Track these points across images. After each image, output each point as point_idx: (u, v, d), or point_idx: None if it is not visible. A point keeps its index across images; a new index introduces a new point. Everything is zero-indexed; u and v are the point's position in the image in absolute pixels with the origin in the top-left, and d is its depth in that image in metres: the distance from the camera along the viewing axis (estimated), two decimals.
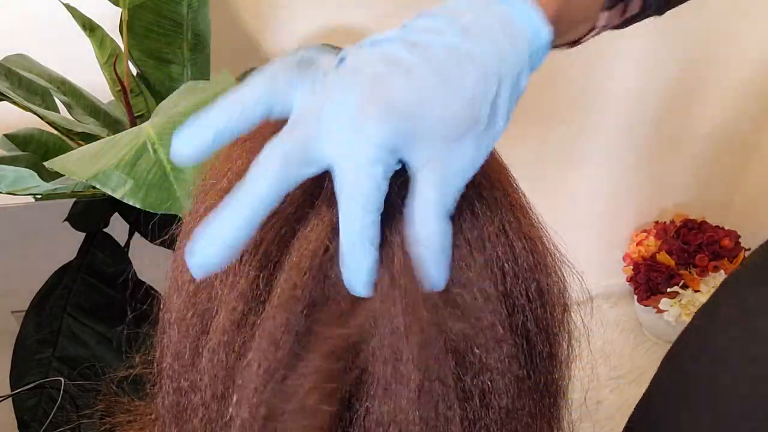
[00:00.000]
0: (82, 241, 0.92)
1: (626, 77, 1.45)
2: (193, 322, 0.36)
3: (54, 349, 0.86)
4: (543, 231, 0.39)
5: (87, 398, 0.78)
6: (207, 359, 0.35)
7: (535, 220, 0.39)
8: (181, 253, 0.38)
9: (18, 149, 0.88)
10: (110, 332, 0.87)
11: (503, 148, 0.41)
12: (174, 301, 0.37)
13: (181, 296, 0.37)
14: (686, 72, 1.49)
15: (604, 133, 1.55)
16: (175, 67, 0.96)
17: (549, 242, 0.39)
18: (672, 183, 1.71)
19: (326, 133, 0.30)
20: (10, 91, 0.79)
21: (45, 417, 0.81)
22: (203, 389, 0.35)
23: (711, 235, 1.61)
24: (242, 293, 0.34)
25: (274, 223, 0.33)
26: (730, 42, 1.44)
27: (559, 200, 1.63)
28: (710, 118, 1.58)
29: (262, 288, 0.33)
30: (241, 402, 0.32)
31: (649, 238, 1.67)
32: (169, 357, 0.37)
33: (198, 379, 0.35)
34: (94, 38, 0.92)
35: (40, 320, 0.88)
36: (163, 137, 0.62)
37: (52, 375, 0.84)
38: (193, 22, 0.94)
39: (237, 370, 0.33)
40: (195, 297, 0.36)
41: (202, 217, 0.37)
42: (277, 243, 0.33)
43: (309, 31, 1.18)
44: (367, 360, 0.32)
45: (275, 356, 0.32)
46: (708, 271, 1.58)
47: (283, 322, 0.32)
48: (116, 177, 0.59)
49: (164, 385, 0.38)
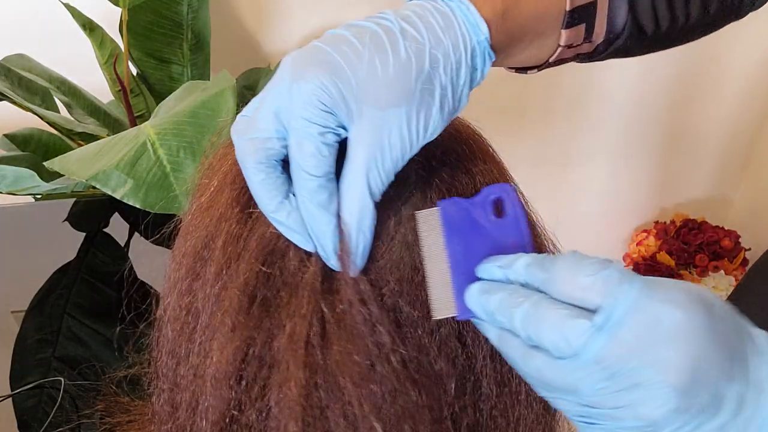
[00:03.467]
0: (82, 241, 0.92)
1: (626, 77, 1.45)
2: (186, 320, 0.36)
3: (54, 349, 0.86)
4: (542, 231, 0.39)
5: (87, 398, 0.78)
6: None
7: (535, 219, 0.39)
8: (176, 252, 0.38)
9: (18, 149, 0.88)
10: (110, 332, 0.87)
11: (503, 147, 0.41)
12: (169, 300, 0.37)
13: (174, 295, 0.37)
14: (686, 72, 1.49)
15: (604, 133, 1.55)
16: (175, 67, 0.96)
17: (549, 242, 0.39)
18: (672, 183, 1.70)
19: (271, 98, 0.33)
20: (10, 91, 0.79)
21: (45, 417, 0.81)
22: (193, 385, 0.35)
23: (711, 235, 1.60)
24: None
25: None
26: (730, 42, 1.44)
27: (558, 200, 1.63)
28: (710, 118, 1.58)
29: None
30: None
31: (649, 238, 1.67)
32: (165, 355, 0.37)
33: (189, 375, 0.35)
34: (94, 38, 0.92)
35: (40, 320, 0.88)
36: (163, 137, 0.62)
37: (52, 375, 0.84)
38: (193, 22, 0.94)
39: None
40: (188, 296, 0.36)
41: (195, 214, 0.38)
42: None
43: (309, 31, 1.18)
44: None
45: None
46: (708, 271, 1.58)
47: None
48: (116, 177, 0.59)
49: (160, 383, 0.38)
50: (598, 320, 0.27)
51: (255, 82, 1.05)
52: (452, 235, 0.34)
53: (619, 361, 0.27)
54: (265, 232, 0.34)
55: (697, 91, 1.54)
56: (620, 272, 0.28)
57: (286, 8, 1.16)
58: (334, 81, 0.31)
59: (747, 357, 0.28)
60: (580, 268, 0.29)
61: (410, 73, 0.32)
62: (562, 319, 0.28)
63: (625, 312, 0.27)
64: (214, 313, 0.34)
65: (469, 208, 0.34)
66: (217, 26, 0.98)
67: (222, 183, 0.37)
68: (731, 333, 0.28)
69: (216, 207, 0.37)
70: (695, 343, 0.27)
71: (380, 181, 0.32)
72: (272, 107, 0.33)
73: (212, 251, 0.35)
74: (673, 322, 0.27)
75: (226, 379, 0.33)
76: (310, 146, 0.31)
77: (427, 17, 0.34)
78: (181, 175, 0.61)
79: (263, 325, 0.33)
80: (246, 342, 0.33)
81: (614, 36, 0.44)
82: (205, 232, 0.36)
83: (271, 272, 0.34)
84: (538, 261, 0.30)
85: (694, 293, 0.28)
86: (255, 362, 0.33)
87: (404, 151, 0.32)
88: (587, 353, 0.27)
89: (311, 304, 0.33)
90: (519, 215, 0.34)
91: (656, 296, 0.28)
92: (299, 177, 0.32)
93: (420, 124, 0.33)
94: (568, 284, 0.29)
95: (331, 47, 0.32)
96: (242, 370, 0.33)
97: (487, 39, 0.35)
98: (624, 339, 0.27)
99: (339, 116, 0.32)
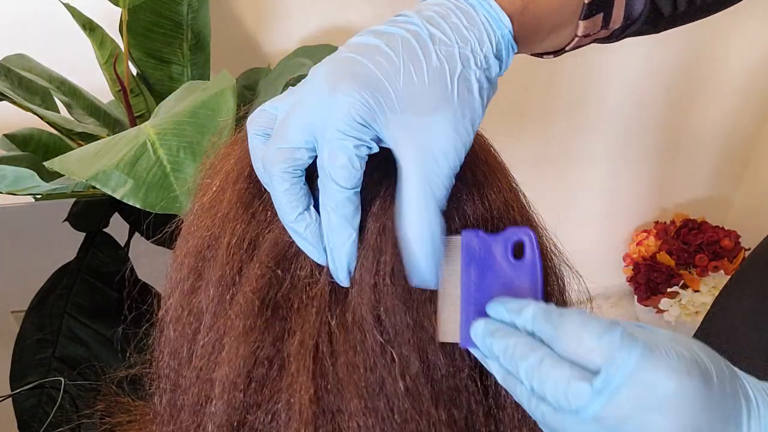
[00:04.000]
0: (82, 241, 0.92)
1: (626, 77, 1.45)
2: (189, 320, 0.36)
3: (54, 349, 0.86)
4: (542, 231, 0.39)
5: (87, 398, 0.78)
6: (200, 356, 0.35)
7: (534, 219, 0.39)
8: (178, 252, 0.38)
9: (18, 149, 0.88)
10: (110, 332, 0.87)
11: (504, 147, 0.41)
12: (171, 301, 0.37)
13: (176, 295, 0.37)
14: (686, 72, 1.49)
15: (604, 133, 1.55)
16: (175, 67, 0.96)
17: (549, 242, 0.39)
18: (672, 183, 1.70)
19: (303, 109, 0.33)
20: (10, 91, 0.79)
21: (45, 417, 0.81)
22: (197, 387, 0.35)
23: (711, 235, 1.60)
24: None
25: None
26: (730, 42, 1.44)
27: (559, 200, 1.63)
28: (710, 118, 1.58)
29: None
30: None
31: (649, 238, 1.67)
32: (167, 355, 0.37)
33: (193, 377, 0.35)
34: (94, 38, 0.92)
35: (40, 320, 0.88)
36: (163, 137, 0.62)
37: (52, 375, 0.84)
38: (193, 22, 0.94)
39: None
40: (190, 296, 0.36)
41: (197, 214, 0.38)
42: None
43: (309, 31, 1.18)
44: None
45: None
46: (708, 271, 1.58)
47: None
48: (116, 177, 0.59)
49: (162, 383, 0.38)
50: (598, 384, 0.29)
51: (255, 82, 1.05)
52: (469, 265, 0.34)
53: (616, 423, 0.28)
54: (278, 237, 0.34)
55: (697, 91, 1.54)
56: (623, 336, 0.29)
57: (285, 9, 1.16)
58: (374, 94, 0.31)
59: (741, 415, 0.30)
60: (586, 328, 0.30)
61: (445, 76, 0.33)
62: (565, 379, 0.29)
63: (623, 379, 0.28)
64: (220, 315, 0.34)
65: (490, 244, 0.35)
66: (217, 26, 0.98)
67: (224, 183, 0.37)
68: (727, 398, 0.29)
69: (219, 207, 0.37)
70: (688, 411, 0.28)
71: (443, 191, 0.32)
72: (304, 118, 0.32)
73: (216, 251, 0.36)
74: (667, 391, 0.28)
75: (236, 381, 0.33)
76: (344, 158, 0.31)
77: (451, 17, 0.34)
78: (182, 175, 0.61)
79: (274, 328, 0.33)
80: (257, 345, 0.33)
81: (631, 21, 0.44)
82: (208, 232, 0.36)
83: (283, 277, 0.34)
84: (545, 313, 0.31)
85: (690, 360, 0.29)
86: (265, 365, 0.33)
87: (458, 152, 0.33)
88: (587, 413, 0.29)
89: (320, 315, 0.33)
90: (536, 261, 0.34)
91: (654, 363, 0.29)
92: (328, 188, 0.32)
93: (467, 122, 0.33)
94: (573, 343, 0.30)
95: (366, 58, 0.32)
96: (252, 373, 0.33)
97: (510, 32, 0.36)
98: (621, 404, 0.28)
99: (375, 129, 0.32)
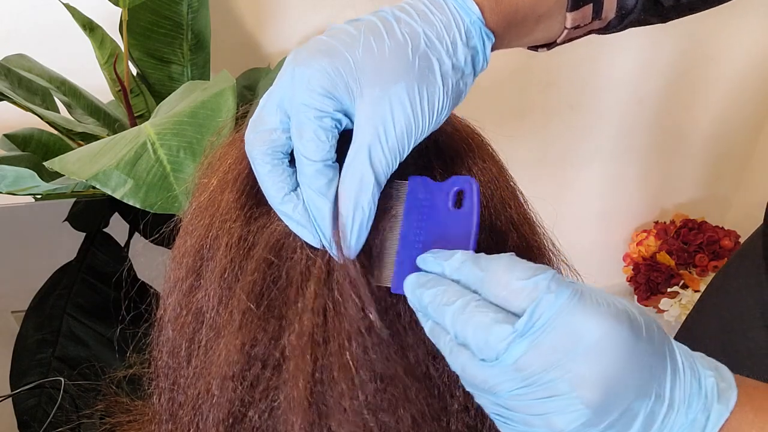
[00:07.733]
0: (82, 241, 0.92)
1: (626, 77, 1.44)
2: (187, 319, 0.36)
3: (54, 349, 0.86)
4: (542, 230, 0.39)
5: (87, 398, 0.78)
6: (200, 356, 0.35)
7: (534, 219, 0.39)
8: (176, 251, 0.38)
9: (18, 149, 0.88)
10: (110, 332, 0.87)
11: (503, 147, 0.41)
12: (170, 300, 0.37)
13: (175, 294, 0.37)
14: (686, 72, 1.49)
15: (603, 133, 1.55)
16: (175, 67, 0.96)
17: (549, 242, 0.39)
18: (672, 183, 1.70)
19: (275, 89, 0.34)
20: (10, 91, 0.79)
21: (45, 417, 0.81)
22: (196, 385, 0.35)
23: (711, 235, 1.60)
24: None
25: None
26: (729, 41, 1.44)
27: (558, 200, 1.63)
28: (710, 118, 1.58)
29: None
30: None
31: (649, 238, 1.67)
32: (166, 354, 0.38)
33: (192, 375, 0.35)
34: (94, 38, 0.92)
35: (40, 320, 0.88)
36: (163, 137, 0.62)
37: (52, 375, 0.84)
38: (193, 22, 0.94)
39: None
40: (189, 295, 0.36)
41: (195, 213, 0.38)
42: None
43: (309, 31, 1.18)
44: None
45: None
46: (708, 271, 1.58)
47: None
48: (116, 177, 0.59)
49: (161, 382, 0.38)
50: (520, 325, 0.27)
51: (255, 82, 1.05)
52: (411, 211, 0.34)
53: (537, 371, 0.27)
54: (273, 230, 0.35)
55: (697, 91, 1.54)
56: (551, 279, 0.28)
57: (285, 8, 1.16)
58: (332, 62, 0.32)
59: (665, 375, 0.29)
60: (515, 271, 0.29)
61: (406, 49, 0.33)
62: (488, 322, 0.28)
63: (547, 321, 0.27)
64: (219, 312, 0.34)
65: (434, 192, 0.34)
66: (217, 26, 0.98)
67: (222, 182, 0.37)
68: (653, 352, 0.28)
69: (216, 206, 0.37)
70: (613, 361, 0.27)
71: (383, 158, 0.32)
72: (276, 99, 0.33)
73: (214, 250, 0.36)
74: (593, 339, 0.27)
75: (233, 376, 0.33)
76: (309, 131, 0.32)
77: (420, 7, 0.35)
78: (181, 175, 0.60)
79: (270, 323, 0.33)
80: (253, 339, 0.33)
81: (627, 12, 0.44)
82: (206, 231, 0.36)
83: (278, 272, 0.34)
84: (473, 259, 0.30)
85: (621, 310, 0.28)
86: (261, 360, 0.33)
87: (409, 128, 0.33)
88: (508, 359, 0.27)
89: (319, 297, 0.33)
90: (473, 211, 0.33)
91: (582, 309, 0.27)
92: (299, 163, 0.33)
93: (424, 102, 0.33)
94: (501, 286, 0.29)
95: (328, 36, 0.34)
96: (249, 368, 0.33)
97: (480, 20, 0.36)
98: (544, 349, 0.27)
99: (340, 100, 0.32)
